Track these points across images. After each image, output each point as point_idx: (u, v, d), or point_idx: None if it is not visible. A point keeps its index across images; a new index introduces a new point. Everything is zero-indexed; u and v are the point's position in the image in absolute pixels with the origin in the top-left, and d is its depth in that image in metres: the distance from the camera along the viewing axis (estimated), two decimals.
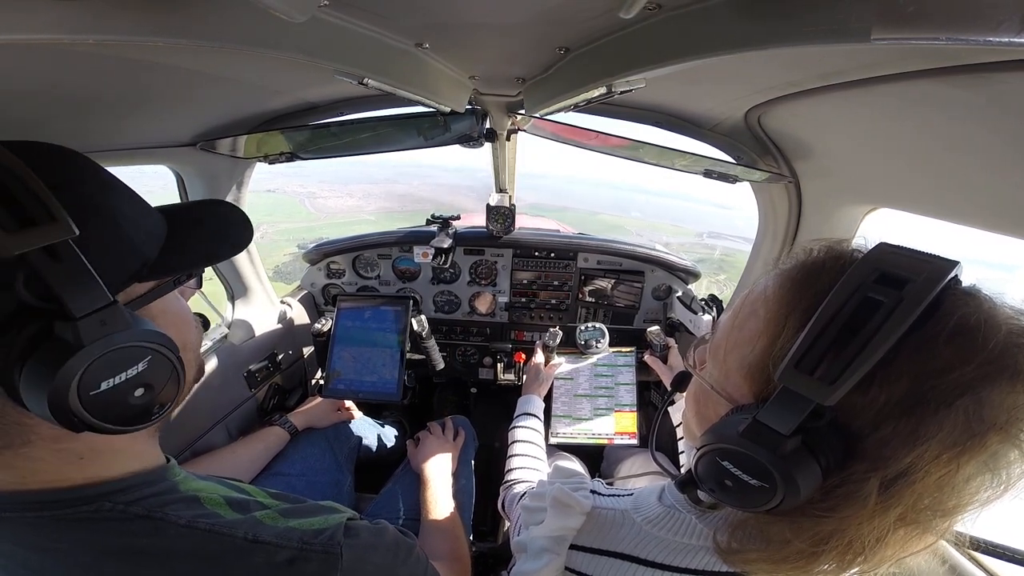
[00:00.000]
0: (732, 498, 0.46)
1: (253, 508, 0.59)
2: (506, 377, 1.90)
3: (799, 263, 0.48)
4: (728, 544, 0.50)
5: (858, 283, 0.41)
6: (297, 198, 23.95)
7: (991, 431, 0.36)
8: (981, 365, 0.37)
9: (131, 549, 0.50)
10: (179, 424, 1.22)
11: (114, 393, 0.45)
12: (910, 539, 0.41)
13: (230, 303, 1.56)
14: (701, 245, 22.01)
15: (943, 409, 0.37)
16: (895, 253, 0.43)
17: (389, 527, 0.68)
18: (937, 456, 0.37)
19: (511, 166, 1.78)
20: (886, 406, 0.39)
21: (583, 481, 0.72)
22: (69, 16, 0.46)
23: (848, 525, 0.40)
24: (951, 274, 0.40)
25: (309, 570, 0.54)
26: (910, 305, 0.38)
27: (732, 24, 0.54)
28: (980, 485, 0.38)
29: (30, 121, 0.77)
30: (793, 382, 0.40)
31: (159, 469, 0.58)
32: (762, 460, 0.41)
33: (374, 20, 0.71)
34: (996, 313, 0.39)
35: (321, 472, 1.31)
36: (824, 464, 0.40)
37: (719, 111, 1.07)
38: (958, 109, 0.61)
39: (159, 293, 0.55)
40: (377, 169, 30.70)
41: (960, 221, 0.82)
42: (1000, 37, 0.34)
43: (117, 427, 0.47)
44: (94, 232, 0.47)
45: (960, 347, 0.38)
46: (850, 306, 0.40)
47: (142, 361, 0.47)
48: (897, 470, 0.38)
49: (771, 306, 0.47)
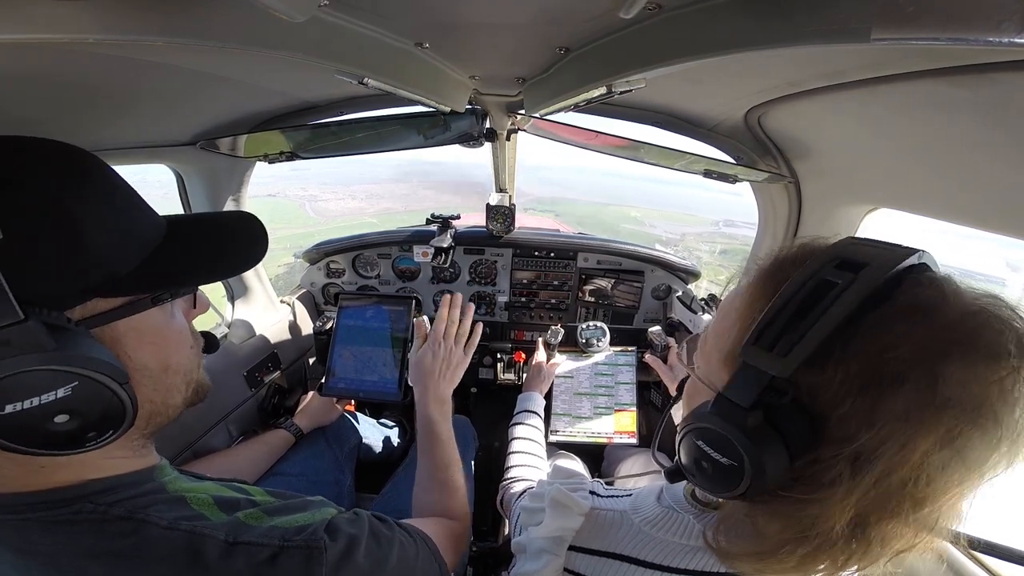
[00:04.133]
0: (708, 482, 0.47)
1: (243, 507, 0.57)
2: (506, 377, 1.90)
3: (772, 257, 0.51)
4: (716, 539, 0.51)
5: (817, 268, 0.44)
6: (298, 202, 23.76)
7: (946, 407, 0.36)
8: (933, 341, 0.37)
9: (111, 551, 0.48)
10: (179, 424, 1.20)
11: (25, 417, 0.41)
12: (895, 531, 0.41)
13: (230, 303, 1.56)
14: (720, 235, 21.75)
15: (896, 385, 0.38)
16: (859, 244, 0.46)
17: (363, 514, 0.65)
18: (893, 434, 0.37)
19: (511, 166, 1.78)
20: (843, 384, 0.40)
21: (582, 482, 0.72)
22: (69, 16, 0.45)
23: (827, 511, 0.40)
24: (910, 259, 0.42)
25: (291, 566, 0.52)
26: (861, 284, 0.40)
27: (732, 24, 0.54)
28: (943, 465, 0.38)
29: (30, 119, 0.77)
30: (751, 357, 0.43)
31: (146, 470, 0.56)
32: (727, 435, 0.43)
33: (374, 20, 0.71)
34: (954, 292, 0.40)
35: (321, 472, 1.31)
36: (789, 443, 0.41)
37: (719, 111, 1.07)
38: (958, 109, 0.61)
39: (128, 312, 0.49)
40: (380, 169, 30.36)
41: (961, 221, 0.82)
42: (1000, 37, 0.34)
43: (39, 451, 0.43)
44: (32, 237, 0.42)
45: (912, 324, 0.39)
46: (807, 288, 0.42)
47: (64, 387, 0.42)
48: (861, 449, 0.38)
49: (745, 297, 0.50)
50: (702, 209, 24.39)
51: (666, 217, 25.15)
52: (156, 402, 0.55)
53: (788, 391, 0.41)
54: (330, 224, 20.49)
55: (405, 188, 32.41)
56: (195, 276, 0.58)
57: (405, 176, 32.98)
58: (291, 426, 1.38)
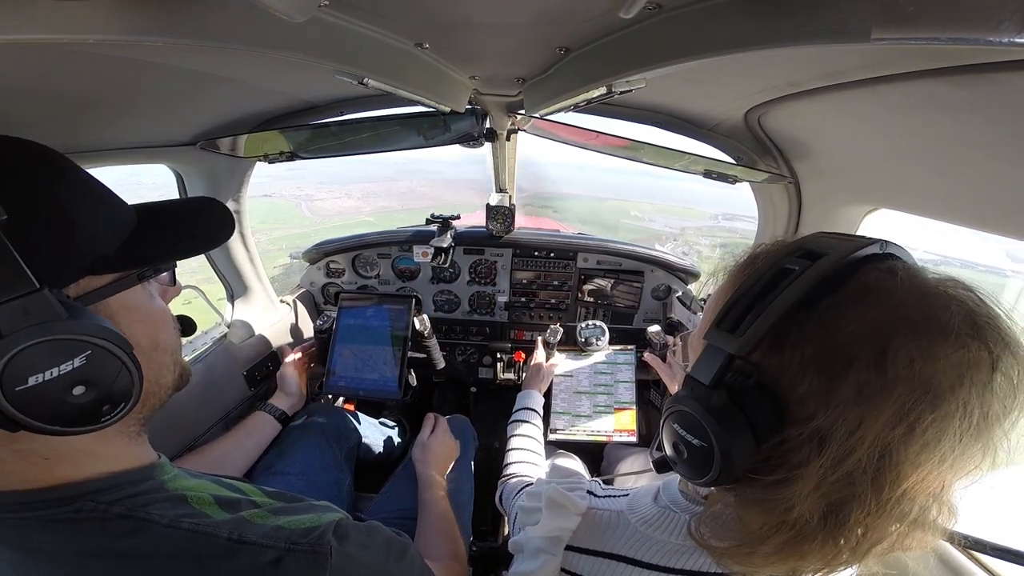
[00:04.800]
0: (686, 467, 0.48)
1: (244, 507, 0.57)
2: (506, 376, 1.90)
3: (749, 253, 0.54)
4: (699, 531, 0.51)
5: (780, 257, 0.46)
6: (294, 202, 23.65)
7: (897, 383, 0.37)
8: (882, 321, 0.39)
9: (111, 550, 0.48)
10: (179, 424, 1.22)
11: (46, 389, 0.42)
12: (873, 522, 0.41)
13: (230, 303, 1.56)
14: (719, 228, 21.68)
15: (847, 366, 0.39)
16: (826, 236, 0.48)
17: (381, 527, 0.66)
18: (847, 413, 0.38)
19: (511, 166, 1.78)
20: (800, 365, 0.41)
21: (579, 481, 0.72)
22: (69, 16, 0.45)
23: (798, 493, 0.40)
24: (870, 248, 0.44)
25: (296, 569, 0.52)
26: (817, 270, 0.42)
27: (732, 24, 0.54)
28: (912, 453, 0.38)
29: (29, 119, 0.77)
30: (713, 338, 0.46)
31: (146, 468, 0.56)
32: (694, 413, 0.44)
33: (374, 20, 0.71)
34: (909, 275, 0.41)
35: (321, 471, 1.31)
36: (754, 424, 0.42)
37: (719, 111, 1.07)
38: (958, 109, 0.61)
39: (118, 288, 0.52)
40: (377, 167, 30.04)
41: (961, 222, 0.82)
42: (1000, 37, 0.34)
43: (57, 427, 0.44)
44: (31, 218, 0.45)
45: (864, 305, 0.40)
46: (768, 275, 0.45)
47: (79, 356, 0.43)
48: (823, 429, 0.39)
49: (722, 290, 0.53)
50: (701, 202, 24.13)
51: (665, 211, 24.97)
52: (150, 380, 0.55)
53: (752, 373, 0.43)
54: (326, 224, 20.39)
55: (402, 186, 32.19)
56: (174, 251, 0.62)
57: (402, 174, 32.74)
58: (274, 410, 1.35)
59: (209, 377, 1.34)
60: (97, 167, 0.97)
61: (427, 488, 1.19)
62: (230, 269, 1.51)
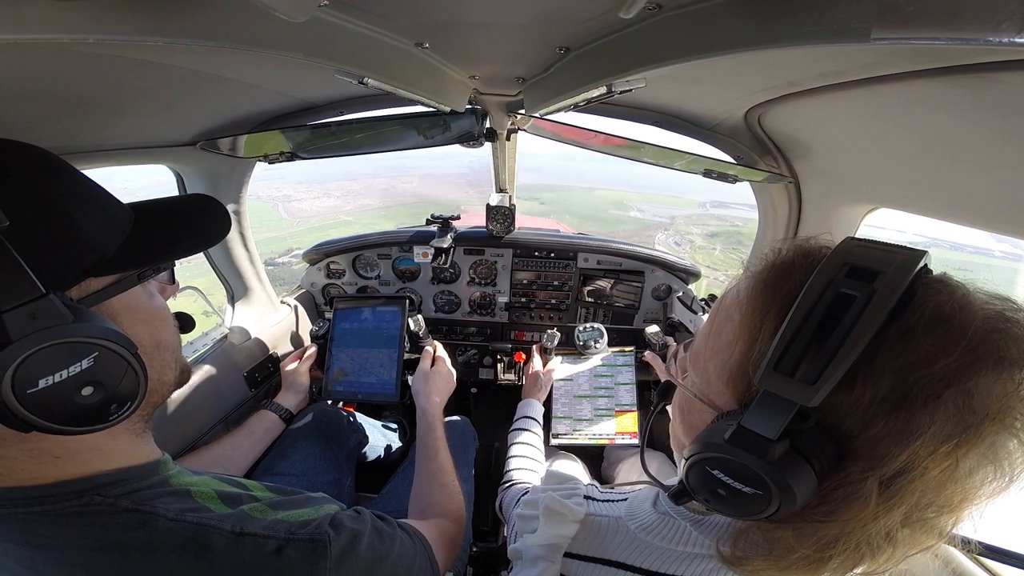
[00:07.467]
0: (728, 507, 0.46)
1: (245, 501, 0.59)
2: (506, 377, 1.90)
3: (769, 264, 0.48)
4: (732, 554, 0.49)
5: (829, 279, 0.41)
6: (270, 203, 23.37)
7: (985, 421, 0.36)
8: (963, 354, 0.36)
9: (119, 542, 0.49)
10: (179, 424, 1.22)
11: (56, 391, 0.43)
12: (917, 537, 0.41)
13: (230, 304, 1.56)
14: (709, 216, 21.67)
15: (932, 402, 0.36)
16: (863, 246, 0.43)
17: (364, 512, 0.68)
18: (933, 451, 0.36)
19: (511, 166, 1.78)
20: (872, 403, 0.38)
21: (576, 487, 0.72)
22: (69, 16, 0.45)
23: (852, 528, 0.40)
24: (920, 263, 0.40)
25: (296, 558, 0.54)
26: (883, 298, 0.38)
27: (732, 24, 0.54)
28: (983, 478, 0.38)
29: (29, 119, 0.77)
30: (774, 385, 0.40)
31: (151, 464, 0.58)
32: (752, 467, 0.40)
33: (374, 20, 0.71)
34: (970, 299, 0.39)
35: (321, 472, 1.31)
36: (817, 467, 0.40)
37: (719, 111, 1.07)
38: (958, 109, 0.61)
39: (119, 288, 0.53)
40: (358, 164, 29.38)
41: (960, 221, 0.82)
42: (1000, 37, 0.34)
43: (67, 427, 0.45)
44: (33, 223, 0.45)
45: (940, 337, 0.37)
46: (823, 303, 0.40)
47: (87, 358, 0.44)
48: (894, 468, 0.37)
49: (745, 310, 0.47)
50: (689, 191, 24.02)
51: (653, 200, 24.84)
52: (153, 378, 0.56)
53: (811, 415, 0.40)
54: (303, 226, 20.21)
55: (383, 182, 31.86)
56: (174, 250, 0.63)
57: (383, 170, 32.38)
58: (279, 409, 1.36)
59: (209, 378, 1.34)
60: (97, 167, 0.98)
61: (428, 431, 1.15)
62: (231, 270, 1.51)
